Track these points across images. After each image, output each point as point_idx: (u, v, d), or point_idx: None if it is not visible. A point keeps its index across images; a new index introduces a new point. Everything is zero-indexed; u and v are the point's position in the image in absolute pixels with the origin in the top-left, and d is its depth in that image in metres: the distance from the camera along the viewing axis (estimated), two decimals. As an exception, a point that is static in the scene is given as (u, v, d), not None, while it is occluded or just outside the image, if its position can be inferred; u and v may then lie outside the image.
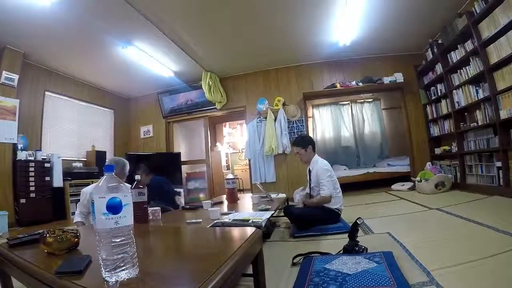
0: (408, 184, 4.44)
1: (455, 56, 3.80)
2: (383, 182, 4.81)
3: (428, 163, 4.41)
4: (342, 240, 1.89)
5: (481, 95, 3.34)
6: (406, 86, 4.89)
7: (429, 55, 4.48)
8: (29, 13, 3.07)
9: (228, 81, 5.55)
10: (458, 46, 3.68)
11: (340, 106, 5.92)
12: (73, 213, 4.20)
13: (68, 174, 4.39)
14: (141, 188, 1.66)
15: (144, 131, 6.10)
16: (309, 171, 2.75)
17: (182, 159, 5.78)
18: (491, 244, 1.63)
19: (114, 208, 0.66)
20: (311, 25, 3.92)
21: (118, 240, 0.66)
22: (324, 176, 2.52)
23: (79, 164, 4.79)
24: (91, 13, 3.19)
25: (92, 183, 3.78)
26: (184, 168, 5.92)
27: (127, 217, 0.69)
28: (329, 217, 2.53)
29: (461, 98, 3.76)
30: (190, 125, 6.19)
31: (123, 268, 0.66)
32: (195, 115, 5.83)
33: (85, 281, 0.68)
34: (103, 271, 0.66)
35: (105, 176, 0.71)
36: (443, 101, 4.27)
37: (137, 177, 1.71)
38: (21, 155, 3.79)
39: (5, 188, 3.64)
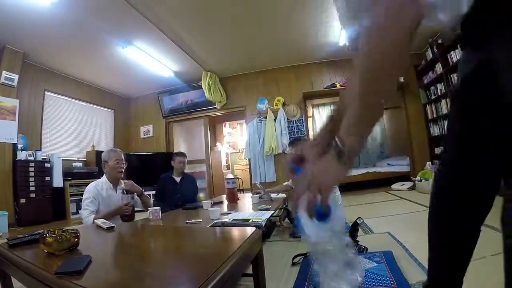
0: (408, 184, 4.43)
1: (455, 55, 3.79)
2: (383, 182, 4.79)
3: (428, 163, 4.41)
4: (342, 240, 1.89)
5: (481, 95, 3.33)
6: (406, 85, 4.87)
7: (429, 54, 4.47)
8: (29, 13, 3.07)
9: (228, 81, 5.55)
10: (458, 45, 3.68)
11: (340, 106, 5.91)
12: (73, 213, 4.21)
13: (68, 174, 4.39)
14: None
15: (144, 131, 6.10)
16: None
17: (182, 159, 5.77)
18: (491, 243, 1.61)
19: None
20: (311, 25, 3.92)
21: None
22: None
23: (79, 164, 4.79)
24: (91, 13, 3.19)
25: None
26: (184, 168, 5.92)
27: None
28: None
29: (461, 97, 3.75)
30: (190, 125, 6.19)
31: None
32: (195, 115, 5.83)
33: (85, 281, 0.69)
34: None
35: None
36: (443, 101, 4.26)
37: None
38: (21, 155, 3.79)
39: (5, 188, 3.64)
